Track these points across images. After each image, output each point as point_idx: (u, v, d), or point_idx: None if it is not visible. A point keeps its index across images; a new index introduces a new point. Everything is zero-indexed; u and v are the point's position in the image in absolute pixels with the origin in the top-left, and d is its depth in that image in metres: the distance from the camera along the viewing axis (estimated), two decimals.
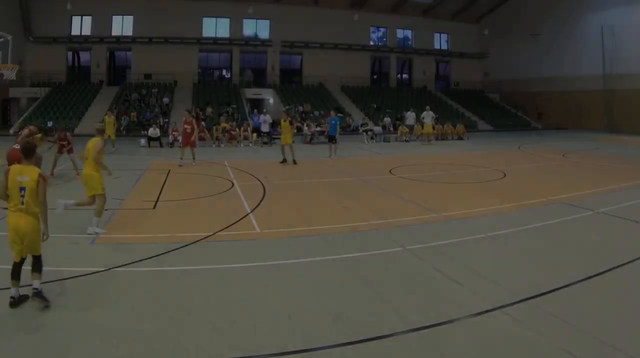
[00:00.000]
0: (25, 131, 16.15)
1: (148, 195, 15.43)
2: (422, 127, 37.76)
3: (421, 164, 24.13)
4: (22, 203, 7.13)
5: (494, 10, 62.52)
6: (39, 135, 15.59)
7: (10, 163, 13.52)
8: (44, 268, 7.38)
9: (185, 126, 22.95)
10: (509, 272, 8.78)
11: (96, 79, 54.79)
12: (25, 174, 7.17)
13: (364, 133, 39.18)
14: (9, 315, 6.79)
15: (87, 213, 12.86)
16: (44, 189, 7.40)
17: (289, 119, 25.10)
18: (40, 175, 7.32)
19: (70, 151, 19.23)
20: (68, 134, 20.05)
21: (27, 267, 7.23)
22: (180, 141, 25.55)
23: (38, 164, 11.00)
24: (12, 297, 6.97)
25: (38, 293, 7.02)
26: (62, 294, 7.56)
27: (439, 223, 12.39)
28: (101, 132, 12.47)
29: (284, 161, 23.37)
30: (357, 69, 61.11)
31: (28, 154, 7.63)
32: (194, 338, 6.22)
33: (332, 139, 27.92)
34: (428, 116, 37.12)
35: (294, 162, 23.06)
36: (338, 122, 29.16)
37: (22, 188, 7.12)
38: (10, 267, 7.13)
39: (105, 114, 31.76)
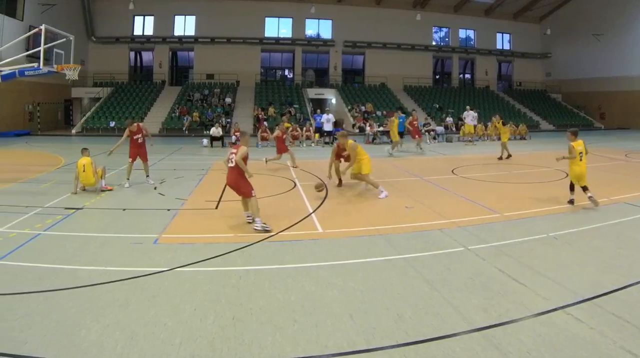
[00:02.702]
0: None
1: (210, 195, 15.67)
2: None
3: (483, 164, 23.80)
4: None
5: (556, 10, 61.47)
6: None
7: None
8: (109, 268, 7.55)
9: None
10: (571, 272, 8.68)
11: (158, 79, 56.19)
12: None
13: (427, 133, 39.00)
14: (69, 314, 7.01)
15: (147, 214, 13.20)
16: None
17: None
18: None
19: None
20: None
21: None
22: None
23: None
24: None
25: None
26: (125, 294, 7.74)
27: (501, 223, 12.29)
28: None
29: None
30: (419, 68, 60.95)
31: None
32: (256, 339, 6.29)
33: (400, 135, 31.12)
34: (468, 116, 36.96)
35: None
36: (404, 120, 32.73)
37: None
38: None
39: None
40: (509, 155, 25.37)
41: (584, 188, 13.80)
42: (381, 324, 6.70)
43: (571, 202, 13.94)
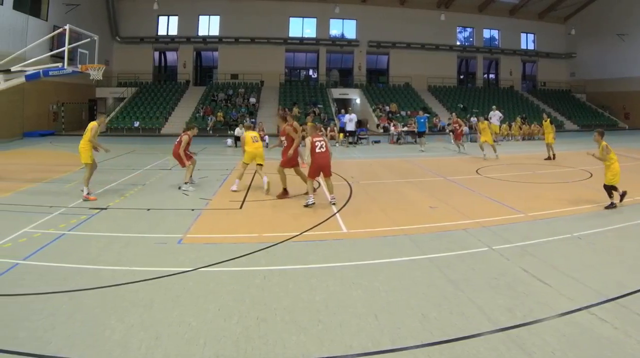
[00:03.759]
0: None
1: (235, 195, 15.77)
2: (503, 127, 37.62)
3: (507, 163, 23.67)
4: None
5: (580, 10, 60.87)
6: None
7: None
8: (134, 268, 7.59)
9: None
10: (595, 272, 8.67)
11: (183, 79, 56.56)
12: None
13: (450, 133, 38.82)
14: (93, 314, 7.05)
15: (172, 214, 13.28)
16: None
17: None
18: None
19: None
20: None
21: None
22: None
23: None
24: None
25: None
26: (149, 294, 7.79)
27: (525, 223, 12.29)
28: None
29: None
30: (443, 68, 60.73)
31: None
32: (280, 339, 6.29)
33: (421, 135, 33.42)
34: (495, 116, 36.83)
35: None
36: (426, 120, 33.17)
37: None
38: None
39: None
40: (554, 156, 25.24)
41: (615, 189, 13.72)
42: (406, 324, 6.70)
43: (612, 205, 13.69)
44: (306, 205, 14.05)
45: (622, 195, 13.75)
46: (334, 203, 14.06)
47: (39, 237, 10.79)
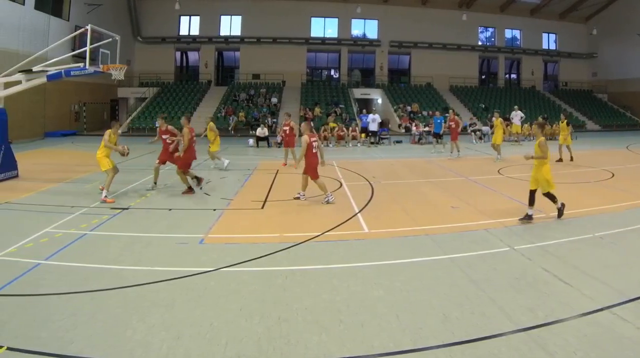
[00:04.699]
0: None
1: (256, 195, 15.79)
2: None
3: (529, 164, 23.48)
4: None
5: (602, 10, 60.27)
6: None
7: None
8: (155, 268, 7.62)
9: (284, 128, 23.37)
10: (616, 272, 8.66)
11: (204, 79, 56.74)
12: None
13: (472, 133, 38.80)
14: (115, 314, 7.08)
15: (193, 214, 13.35)
16: None
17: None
18: None
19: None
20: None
21: None
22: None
23: None
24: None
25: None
26: (170, 294, 7.83)
27: (546, 223, 12.28)
28: None
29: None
30: (465, 68, 60.38)
31: None
32: (302, 339, 6.30)
33: (437, 136, 33.13)
34: (516, 116, 36.77)
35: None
36: (443, 121, 32.68)
37: None
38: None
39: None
40: (571, 157, 24.45)
41: (553, 198, 12.57)
42: (427, 324, 6.70)
43: (528, 217, 12.24)
44: (327, 202, 14.19)
45: (561, 209, 12.58)
46: (298, 198, 14.67)
47: (60, 237, 10.89)
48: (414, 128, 39.34)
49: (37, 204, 14.20)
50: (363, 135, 35.95)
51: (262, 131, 34.20)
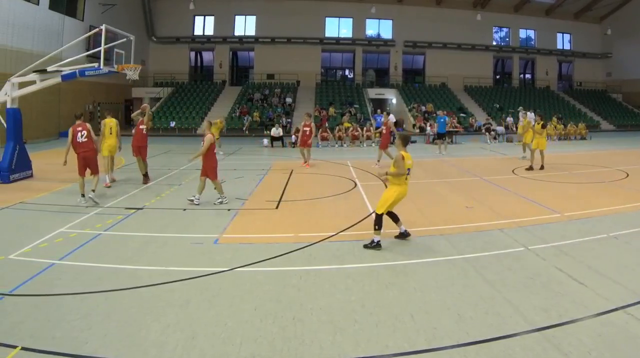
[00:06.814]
0: None
1: (271, 195, 15.83)
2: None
3: (546, 163, 23.44)
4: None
5: (616, 10, 60.05)
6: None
7: None
8: (170, 268, 7.64)
9: (305, 128, 23.27)
10: (631, 271, 8.65)
11: (219, 79, 56.94)
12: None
13: (487, 133, 38.70)
14: (129, 314, 7.13)
15: (208, 214, 13.37)
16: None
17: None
18: None
19: None
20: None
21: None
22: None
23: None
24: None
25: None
26: (185, 294, 7.85)
27: (561, 223, 12.29)
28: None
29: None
30: (479, 68, 60.32)
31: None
32: (317, 339, 6.30)
33: (441, 136, 30.68)
34: (530, 117, 36.31)
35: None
36: (447, 121, 32.30)
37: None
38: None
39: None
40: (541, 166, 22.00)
41: (395, 218, 11.04)
42: (442, 324, 6.71)
43: (403, 235, 10.90)
44: (192, 202, 14.53)
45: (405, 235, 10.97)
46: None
47: (75, 237, 10.95)
48: (428, 128, 39.29)
49: (51, 204, 14.31)
50: (377, 134, 35.75)
51: (276, 131, 34.31)
